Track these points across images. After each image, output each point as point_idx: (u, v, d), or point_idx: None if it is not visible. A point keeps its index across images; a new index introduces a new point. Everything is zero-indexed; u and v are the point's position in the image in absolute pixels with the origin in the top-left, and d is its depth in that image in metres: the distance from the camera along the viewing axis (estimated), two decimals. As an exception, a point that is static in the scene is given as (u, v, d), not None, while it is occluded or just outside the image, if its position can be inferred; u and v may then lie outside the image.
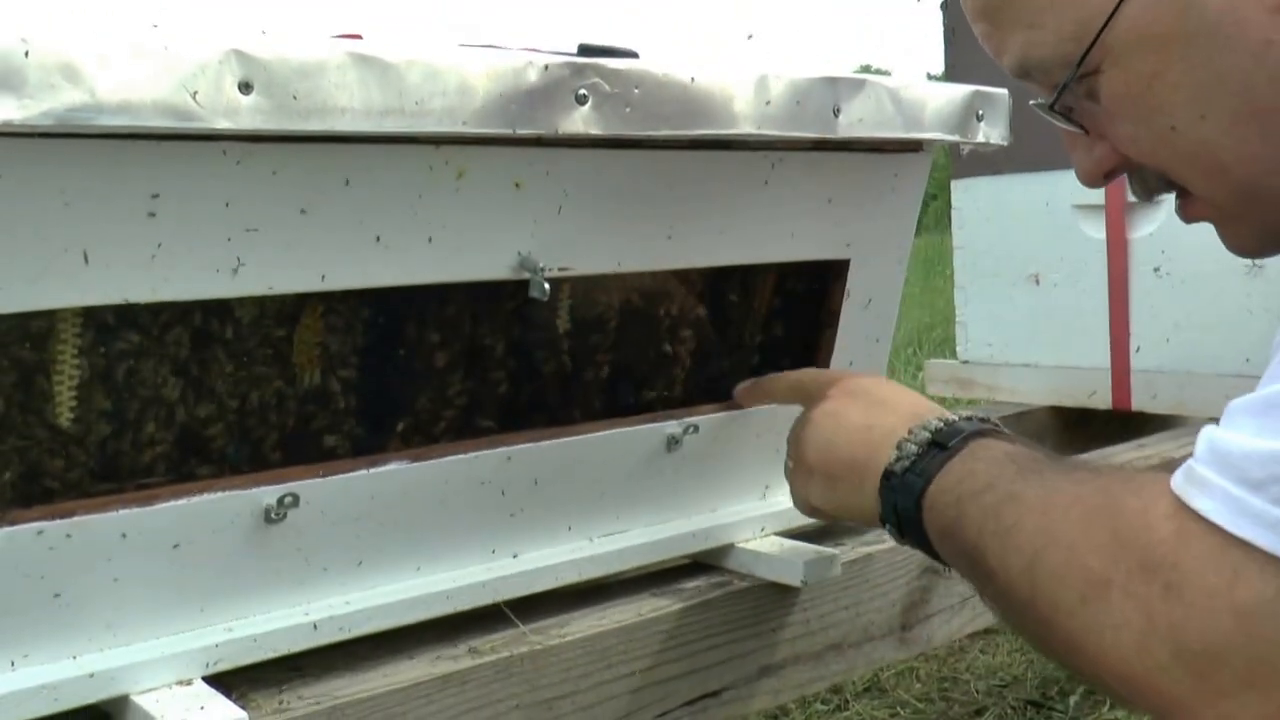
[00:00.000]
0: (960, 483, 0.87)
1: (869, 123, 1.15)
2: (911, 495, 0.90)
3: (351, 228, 0.93)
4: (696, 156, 1.09)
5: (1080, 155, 0.89)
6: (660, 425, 1.19)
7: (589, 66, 0.94)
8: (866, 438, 0.97)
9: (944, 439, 0.91)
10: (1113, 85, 0.82)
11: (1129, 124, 0.83)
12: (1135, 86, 0.81)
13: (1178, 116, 0.80)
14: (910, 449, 0.92)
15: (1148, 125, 0.82)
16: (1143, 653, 0.70)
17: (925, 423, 0.93)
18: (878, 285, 1.33)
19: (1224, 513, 0.69)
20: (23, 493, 0.89)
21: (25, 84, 0.72)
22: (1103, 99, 0.83)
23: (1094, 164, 0.88)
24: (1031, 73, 0.86)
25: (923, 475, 0.90)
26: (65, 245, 0.82)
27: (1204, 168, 0.82)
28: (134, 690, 0.90)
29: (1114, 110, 0.83)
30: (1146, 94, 0.81)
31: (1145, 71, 0.80)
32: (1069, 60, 0.82)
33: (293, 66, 0.81)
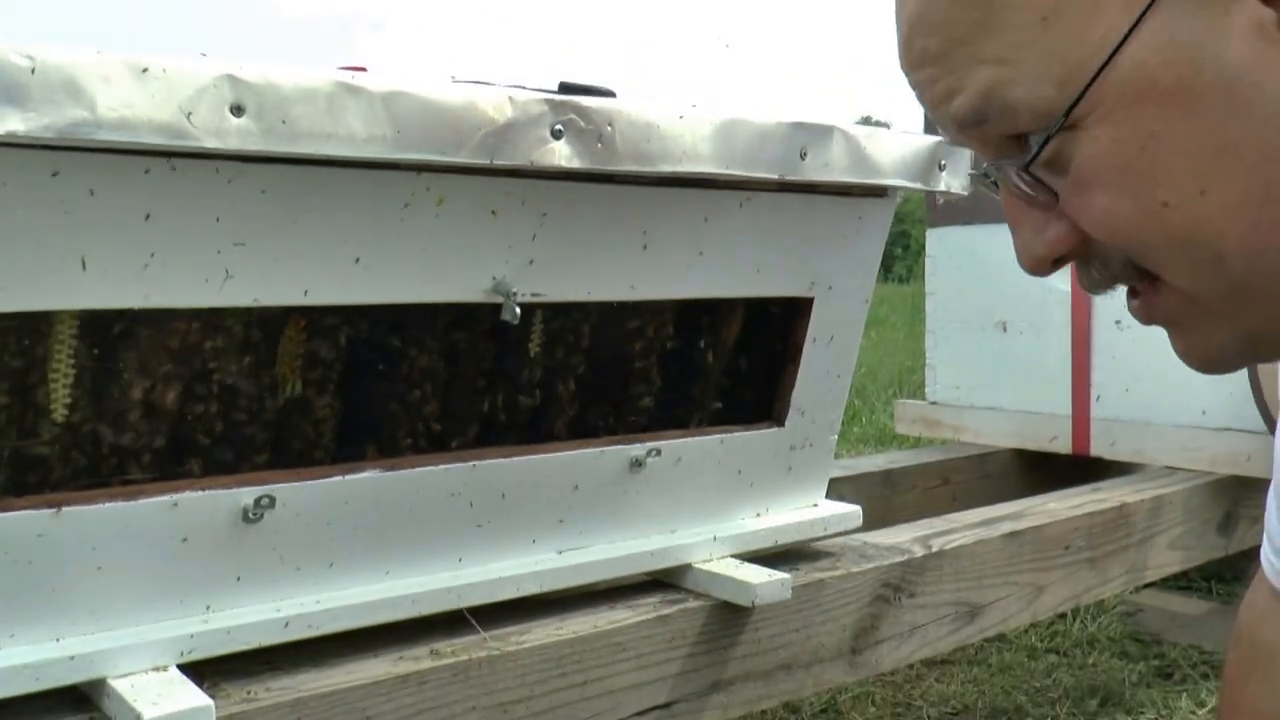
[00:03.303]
0: None
1: (835, 168, 1.21)
2: None
3: (334, 247, 0.98)
4: (667, 192, 1.15)
5: (1028, 234, 0.72)
6: (625, 447, 1.24)
7: (565, 103, 1.00)
8: None
9: None
10: (1095, 146, 0.66)
11: (1107, 195, 0.67)
12: (1126, 149, 0.65)
13: (1173, 190, 0.65)
14: None
15: (1133, 198, 0.66)
16: None
17: None
18: (840, 323, 1.38)
19: None
20: (15, 482, 0.93)
21: (30, 98, 0.77)
22: (1076, 162, 0.67)
23: (1046, 246, 0.71)
24: (989, 119, 0.69)
25: None
26: (64, 252, 0.87)
27: (1195, 255, 0.67)
28: (111, 674, 0.95)
29: (1089, 177, 0.67)
30: (1138, 159, 0.65)
31: (1140, 131, 0.65)
32: (1046, 109, 0.66)
33: (283, 92, 0.87)
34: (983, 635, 1.60)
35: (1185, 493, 1.98)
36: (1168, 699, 2.08)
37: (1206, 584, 2.57)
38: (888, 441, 4.45)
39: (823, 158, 1.19)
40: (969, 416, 2.39)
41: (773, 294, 1.31)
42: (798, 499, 1.43)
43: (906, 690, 2.10)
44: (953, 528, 1.61)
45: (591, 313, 1.21)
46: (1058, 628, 2.39)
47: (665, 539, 1.30)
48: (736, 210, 1.21)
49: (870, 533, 1.54)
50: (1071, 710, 2.03)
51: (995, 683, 2.15)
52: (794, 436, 1.39)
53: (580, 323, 1.21)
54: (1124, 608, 2.50)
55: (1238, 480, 2.05)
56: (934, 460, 2.31)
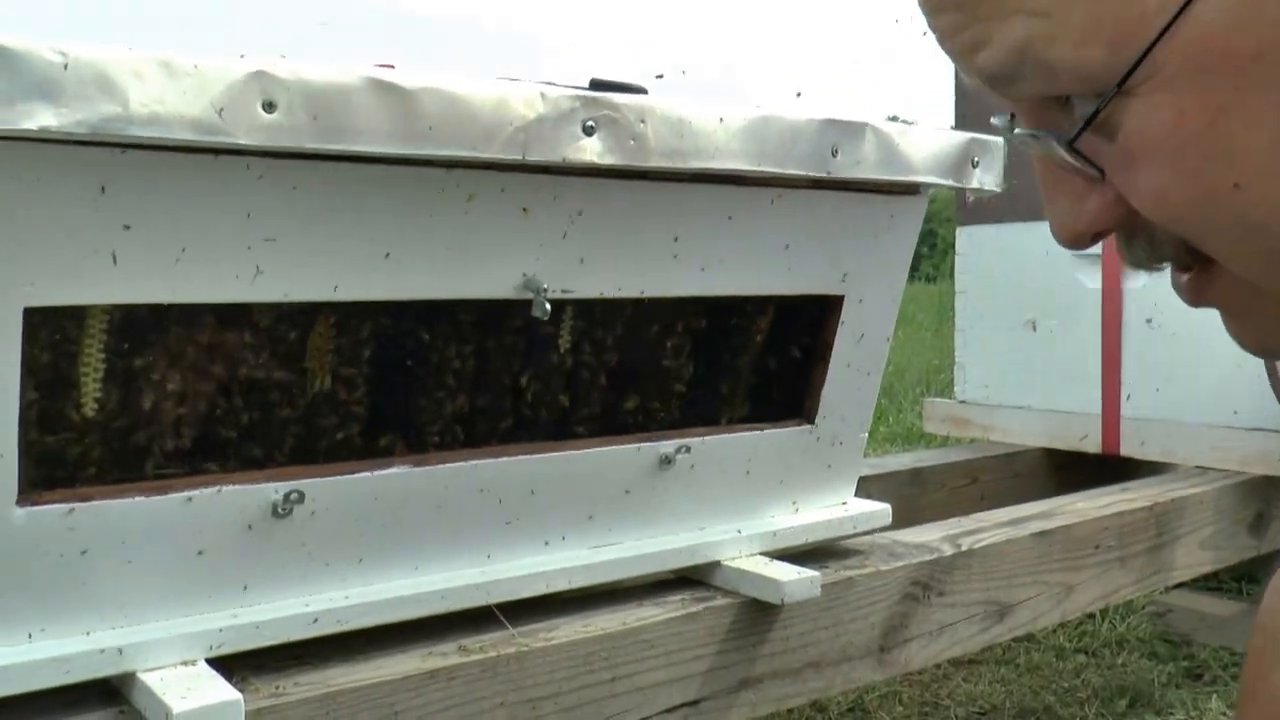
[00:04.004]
0: None
1: (866, 165, 1.20)
2: None
3: (364, 243, 0.98)
4: (698, 189, 1.15)
5: (1065, 205, 0.64)
6: (654, 444, 1.24)
7: (598, 100, 1.00)
8: None
9: None
10: (1152, 117, 0.57)
11: (1165, 173, 0.59)
12: (1191, 123, 0.57)
13: (1248, 168, 0.57)
14: None
15: (1195, 177, 0.58)
16: None
17: None
18: (871, 321, 1.37)
19: None
20: (45, 476, 0.94)
21: (63, 94, 0.77)
22: (1126, 132, 0.59)
23: (1086, 219, 0.64)
24: (1023, 78, 0.60)
25: None
26: (95, 247, 0.87)
27: (1265, 243, 0.59)
28: (141, 668, 0.95)
29: (1143, 151, 0.59)
30: (1205, 135, 0.57)
31: (1208, 104, 0.56)
32: (1093, 72, 0.58)
33: (314, 89, 0.87)
34: (1012, 634, 1.59)
35: (1216, 493, 1.96)
36: (1197, 700, 2.06)
37: (1237, 585, 2.55)
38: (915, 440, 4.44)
39: (854, 155, 1.19)
40: (998, 415, 2.38)
41: (803, 291, 1.30)
42: (827, 497, 1.43)
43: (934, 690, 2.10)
44: (982, 527, 1.60)
45: (622, 309, 1.21)
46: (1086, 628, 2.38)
47: (694, 536, 1.30)
48: (767, 207, 1.21)
49: (899, 531, 1.54)
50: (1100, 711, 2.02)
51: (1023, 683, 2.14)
52: (824, 434, 1.39)
53: (610, 319, 1.20)
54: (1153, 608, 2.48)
55: (1269, 480, 2.03)
56: (962, 459, 2.30)
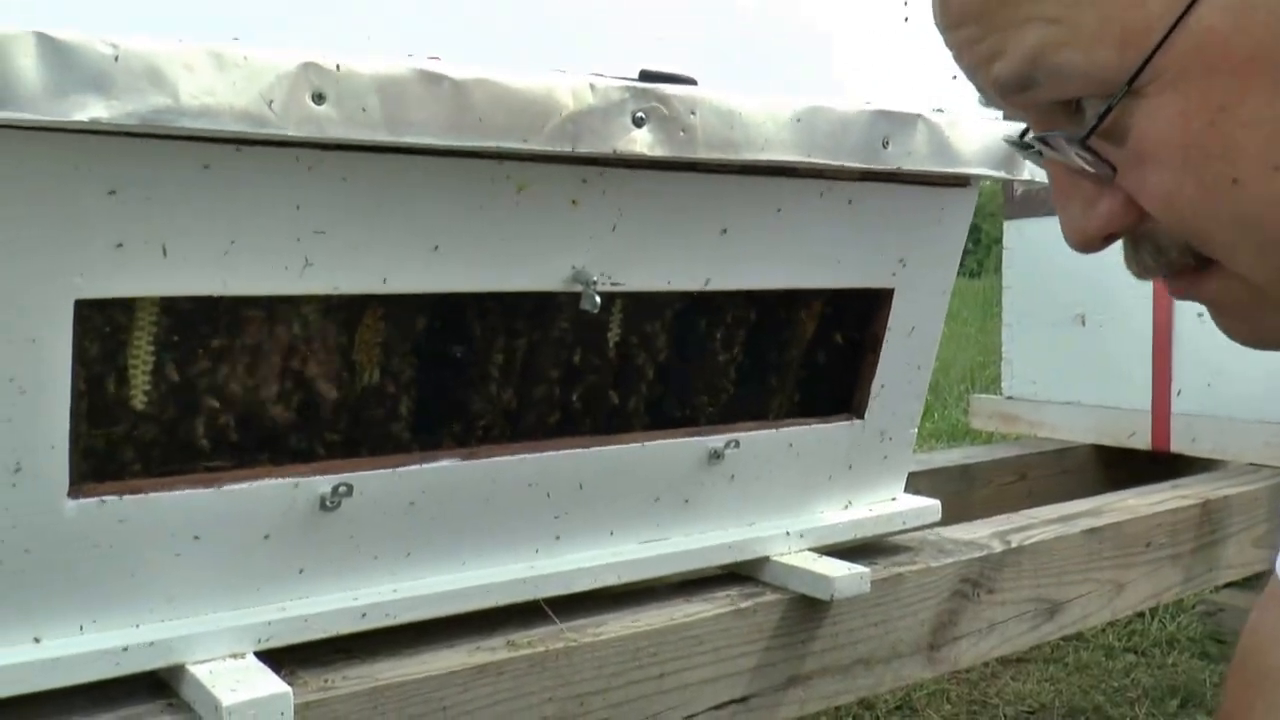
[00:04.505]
0: None
1: (917, 156, 1.19)
2: None
3: (414, 235, 0.98)
4: (748, 181, 1.14)
5: (1077, 210, 0.66)
6: (703, 439, 1.23)
7: (648, 91, 0.99)
8: None
9: None
10: (1158, 117, 0.60)
11: (1170, 171, 0.61)
12: (1193, 122, 0.60)
13: (1245, 165, 0.59)
14: None
15: (1198, 174, 0.60)
16: None
17: None
18: (921, 314, 1.36)
19: None
20: (95, 469, 0.94)
21: (114, 86, 0.77)
22: (1135, 134, 0.61)
23: (1097, 222, 0.65)
24: (1038, 84, 0.63)
25: None
26: (146, 238, 0.87)
27: (1263, 236, 0.61)
28: (190, 660, 0.95)
29: (1150, 151, 0.61)
30: (1207, 132, 0.60)
31: (1209, 103, 0.59)
32: (1103, 74, 0.61)
33: (364, 80, 0.87)
34: (1062, 632, 1.58)
35: (1269, 490, 1.94)
36: (1249, 700, 2.03)
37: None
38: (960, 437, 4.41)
39: (905, 146, 1.18)
40: (1046, 411, 2.36)
41: (853, 285, 1.29)
42: (876, 492, 1.42)
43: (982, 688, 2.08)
44: (1031, 523, 1.58)
45: (671, 302, 1.20)
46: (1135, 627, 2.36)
47: (743, 531, 1.29)
48: (817, 199, 1.20)
49: (948, 528, 1.52)
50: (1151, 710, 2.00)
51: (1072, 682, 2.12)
52: (873, 429, 1.37)
53: (659, 312, 1.20)
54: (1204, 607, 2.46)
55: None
56: (1011, 455, 2.28)
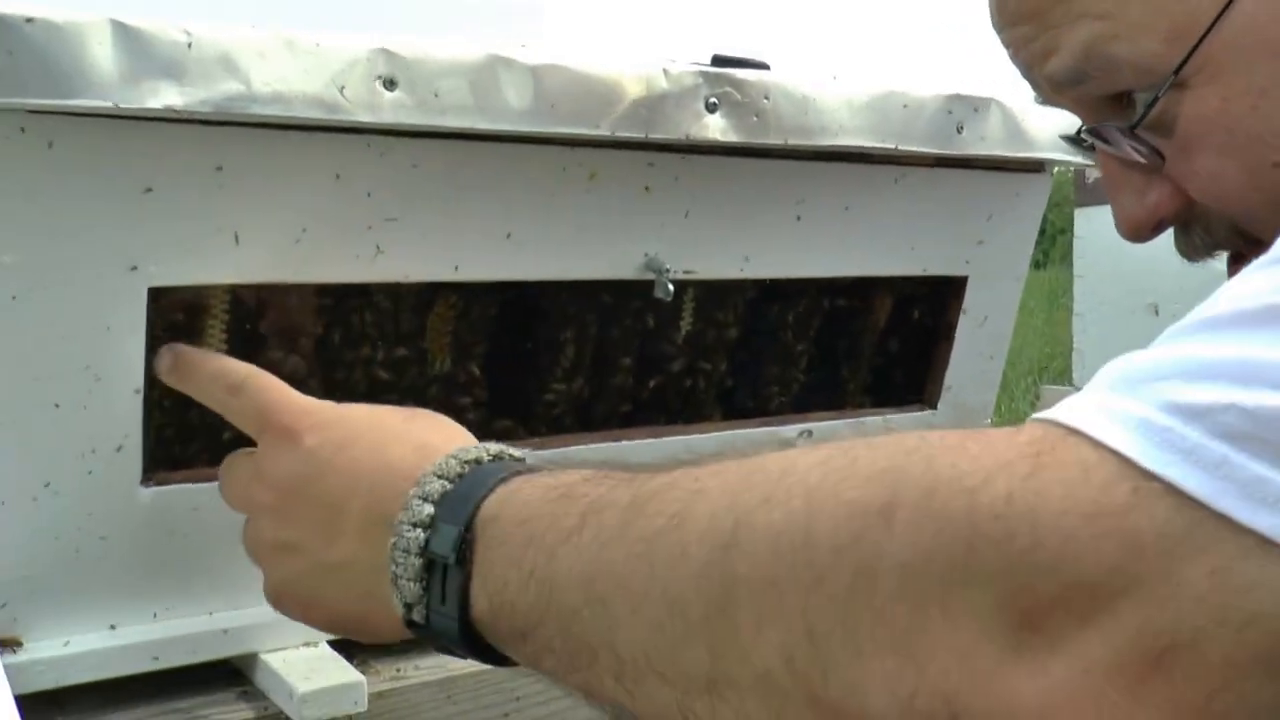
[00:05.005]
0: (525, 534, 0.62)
1: (991, 141, 1.17)
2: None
3: (485, 222, 0.97)
4: (821, 167, 1.12)
5: (1128, 199, 0.69)
6: (776, 429, 1.22)
7: (721, 75, 0.98)
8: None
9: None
10: (1203, 105, 0.63)
11: (1215, 157, 0.64)
12: (1235, 108, 0.62)
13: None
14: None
15: (1241, 158, 0.63)
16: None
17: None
18: (994, 303, 1.34)
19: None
20: (170, 457, 0.94)
21: (186, 73, 0.77)
22: (1182, 123, 0.64)
23: (1147, 210, 0.68)
24: (1090, 77, 0.66)
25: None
26: (218, 227, 0.87)
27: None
28: (263, 649, 0.95)
29: (1196, 139, 0.64)
30: (1248, 118, 0.62)
31: (1251, 89, 0.61)
32: (1152, 65, 0.63)
33: (436, 65, 0.86)
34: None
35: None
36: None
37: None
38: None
39: (979, 131, 1.16)
40: (1119, 403, 2.33)
41: (926, 272, 1.27)
42: (949, 484, 1.40)
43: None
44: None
45: (743, 290, 1.19)
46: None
47: (816, 523, 1.27)
48: (891, 186, 1.18)
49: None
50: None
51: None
52: (945, 419, 1.36)
53: (732, 300, 1.18)
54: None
55: None
56: (1082, 448, 2.25)
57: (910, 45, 66.60)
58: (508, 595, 0.61)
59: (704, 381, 1.20)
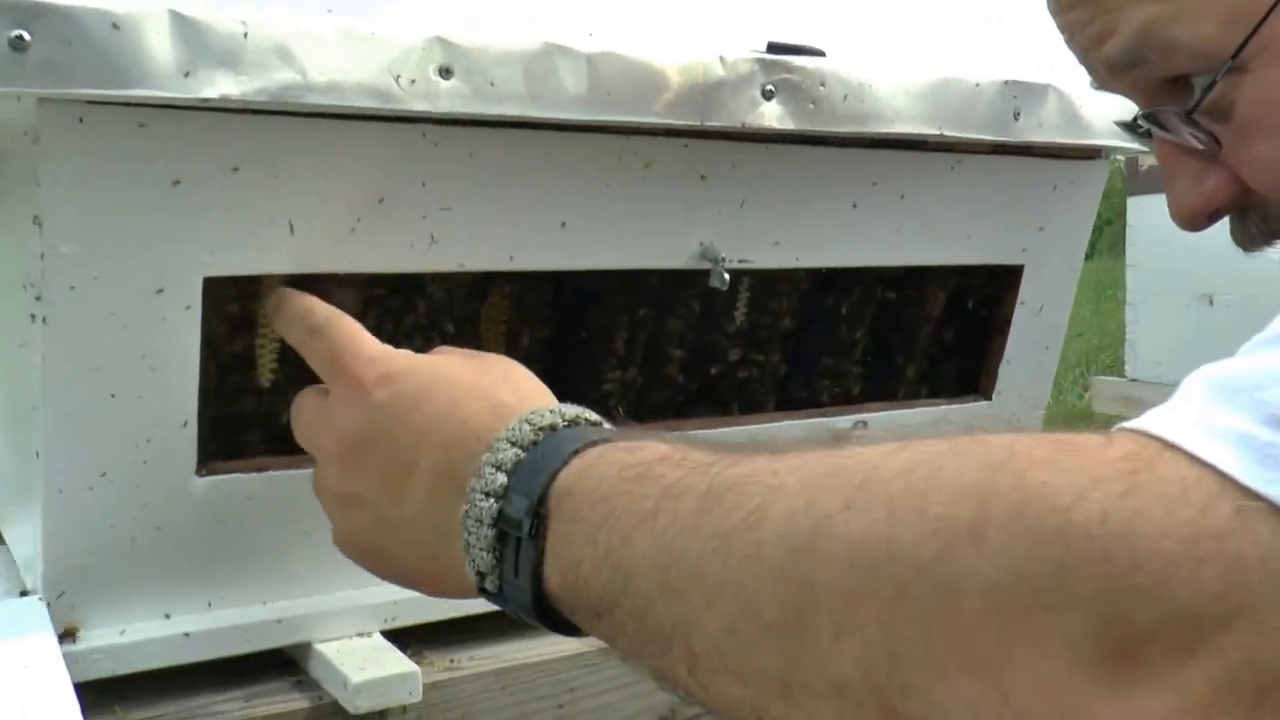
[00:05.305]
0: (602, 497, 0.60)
1: (1049, 127, 1.15)
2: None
3: (541, 211, 0.97)
4: (877, 155, 1.11)
5: (1184, 186, 0.68)
6: (830, 420, 1.21)
7: (777, 63, 0.97)
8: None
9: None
10: (1262, 90, 0.62)
11: (1272, 142, 0.63)
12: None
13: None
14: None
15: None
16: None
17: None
18: (1050, 292, 1.33)
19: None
20: (223, 446, 0.94)
21: (242, 62, 0.77)
22: (1240, 108, 0.63)
23: (1203, 198, 0.67)
24: (1146, 60, 0.65)
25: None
26: (273, 216, 0.87)
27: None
28: (317, 638, 0.95)
29: (1254, 124, 0.63)
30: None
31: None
32: (1209, 49, 0.62)
33: (491, 54, 0.86)
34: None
35: None
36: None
37: None
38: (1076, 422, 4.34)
39: (1036, 117, 1.14)
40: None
41: (982, 261, 1.26)
42: (1003, 476, 1.38)
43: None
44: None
45: (798, 280, 1.18)
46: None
47: (870, 514, 1.26)
48: (947, 174, 1.17)
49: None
50: None
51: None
52: (1000, 411, 1.34)
53: (787, 290, 1.17)
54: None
55: None
56: (1135, 439, 2.22)
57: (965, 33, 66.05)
58: (581, 573, 0.59)
59: (758, 372, 1.19)
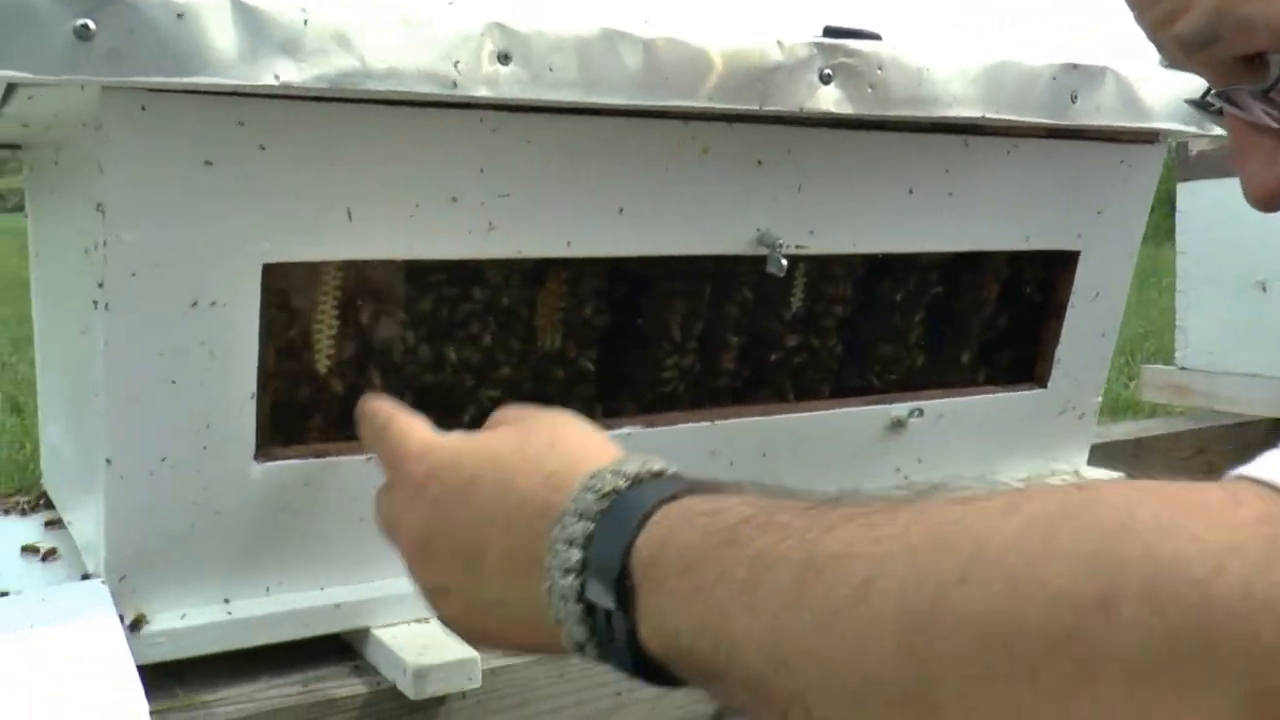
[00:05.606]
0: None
1: (1106, 110, 1.14)
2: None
3: (598, 197, 0.97)
4: (934, 140, 1.10)
5: (1257, 166, 0.67)
6: (886, 407, 1.20)
7: (835, 47, 0.96)
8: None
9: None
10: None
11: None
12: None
13: None
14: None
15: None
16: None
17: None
18: (1106, 278, 1.32)
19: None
20: (281, 432, 0.94)
21: (302, 49, 0.77)
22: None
23: (1278, 177, 0.66)
24: (1221, 38, 0.64)
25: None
26: (331, 202, 0.87)
27: None
28: (374, 624, 0.95)
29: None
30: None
31: None
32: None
33: (550, 40, 0.85)
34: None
35: None
36: None
37: None
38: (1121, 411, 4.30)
39: (1094, 100, 1.13)
40: (1223, 383, 2.27)
41: (1038, 247, 1.25)
42: (1059, 464, 1.38)
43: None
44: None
45: (853, 265, 1.17)
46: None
47: (924, 502, 1.26)
48: (1003, 158, 1.16)
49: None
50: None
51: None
52: (1056, 398, 1.33)
53: (843, 276, 1.17)
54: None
55: None
56: (1187, 429, 2.19)
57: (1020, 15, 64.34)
58: (681, 643, 0.56)
59: (813, 359, 1.18)
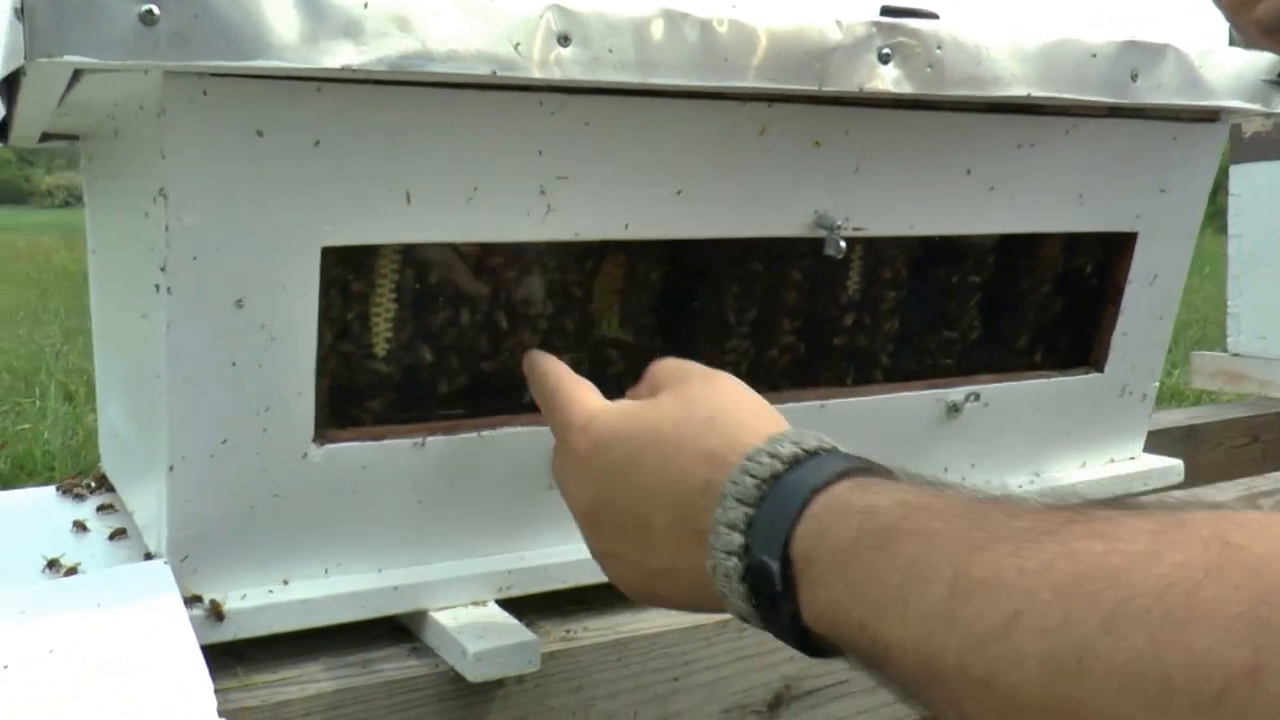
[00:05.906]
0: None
1: (1167, 89, 1.12)
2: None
3: (656, 179, 0.96)
4: (992, 119, 1.09)
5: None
6: (943, 391, 1.19)
7: (894, 26, 0.95)
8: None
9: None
10: None
11: None
12: None
13: None
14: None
15: None
16: None
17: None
18: (1165, 261, 1.30)
19: None
20: (339, 415, 0.95)
21: (363, 32, 0.77)
22: None
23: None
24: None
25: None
26: (389, 185, 0.87)
27: None
28: (432, 606, 0.95)
29: None
30: None
31: None
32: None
33: (610, 21, 0.85)
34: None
35: None
36: None
37: None
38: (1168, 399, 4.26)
39: (1155, 78, 1.11)
40: (1277, 370, 2.25)
41: (1095, 228, 1.23)
42: (1116, 450, 1.36)
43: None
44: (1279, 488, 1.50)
45: (910, 247, 1.16)
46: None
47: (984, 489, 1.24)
48: (1062, 138, 1.15)
49: (1187, 490, 1.45)
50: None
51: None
52: (1113, 383, 1.32)
53: (899, 259, 1.16)
54: None
55: None
56: (1240, 416, 2.16)
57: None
58: (841, 633, 0.59)
59: (870, 342, 1.18)
